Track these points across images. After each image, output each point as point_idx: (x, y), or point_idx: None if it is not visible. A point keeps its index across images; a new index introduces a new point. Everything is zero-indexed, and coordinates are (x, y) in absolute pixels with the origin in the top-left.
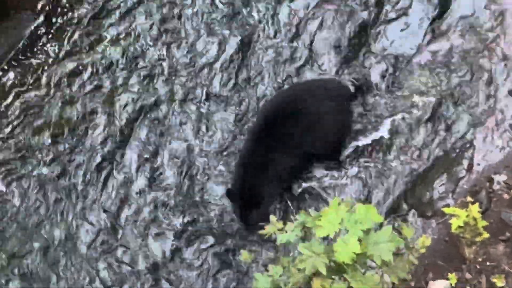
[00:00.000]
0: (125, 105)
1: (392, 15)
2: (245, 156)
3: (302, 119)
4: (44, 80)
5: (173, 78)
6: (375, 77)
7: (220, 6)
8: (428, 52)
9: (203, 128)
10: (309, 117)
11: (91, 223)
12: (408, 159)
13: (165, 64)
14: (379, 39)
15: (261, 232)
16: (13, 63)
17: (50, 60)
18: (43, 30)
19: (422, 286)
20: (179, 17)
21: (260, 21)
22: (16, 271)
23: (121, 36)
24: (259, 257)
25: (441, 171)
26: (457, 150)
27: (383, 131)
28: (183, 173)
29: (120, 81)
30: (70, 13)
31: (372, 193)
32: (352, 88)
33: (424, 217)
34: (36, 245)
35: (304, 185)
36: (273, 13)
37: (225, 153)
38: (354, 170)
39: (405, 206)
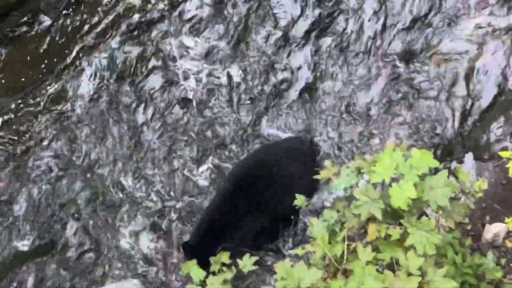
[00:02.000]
0: None
1: None
2: (209, 213)
3: (272, 182)
4: None
5: None
6: None
7: None
8: None
9: None
10: (278, 180)
11: None
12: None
13: None
14: None
15: (317, 176)
16: None
17: None
18: None
19: (479, 230)
20: None
21: None
22: None
23: None
24: None
25: (498, 114)
26: None
27: None
28: None
29: None
30: None
31: (428, 137)
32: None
33: (480, 160)
34: None
35: None
36: None
37: None
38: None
39: (461, 150)
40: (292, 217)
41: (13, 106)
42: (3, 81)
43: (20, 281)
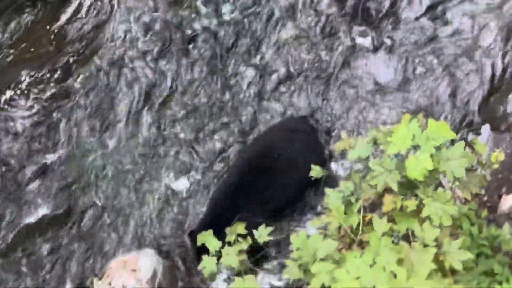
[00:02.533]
0: None
1: None
2: (223, 190)
3: (280, 160)
4: None
5: None
6: None
7: None
8: None
9: None
10: (286, 158)
11: None
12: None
13: None
14: None
15: (332, 148)
16: None
17: None
18: None
19: (495, 201)
20: None
21: None
22: None
23: None
24: None
25: None
26: None
27: None
28: None
29: None
30: None
31: (444, 108)
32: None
33: (497, 131)
34: None
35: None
36: None
37: None
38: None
39: (478, 120)
40: (305, 189)
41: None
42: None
43: (34, 251)
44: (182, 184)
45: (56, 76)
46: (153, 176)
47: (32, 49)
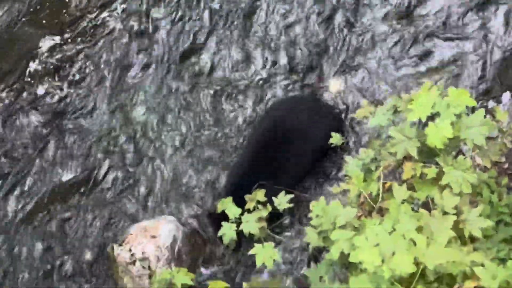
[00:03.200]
0: None
1: None
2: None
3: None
4: None
5: None
6: None
7: None
8: None
9: None
10: (300, 131)
11: None
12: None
13: None
14: None
15: (353, 115)
16: None
17: None
18: None
19: None
20: None
21: None
22: None
23: None
24: None
25: None
26: None
27: None
28: None
29: None
30: None
31: (465, 75)
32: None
33: None
34: None
35: None
36: None
37: None
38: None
39: (498, 88)
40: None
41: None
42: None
43: (55, 217)
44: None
45: (77, 41)
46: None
47: (52, 16)
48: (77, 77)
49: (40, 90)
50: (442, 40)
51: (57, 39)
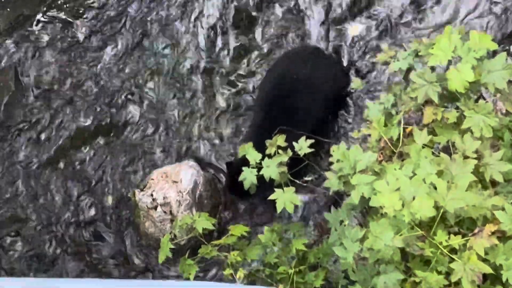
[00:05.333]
0: None
1: None
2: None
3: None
4: None
5: None
6: None
7: None
8: None
9: None
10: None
11: None
12: None
13: None
14: None
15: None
16: None
17: None
18: None
19: None
20: None
21: None
22: None
23: None
24: None
25: None
26: None
27: None
28: None
29: None
30: None
31: (486, 19)
32: None
33: None
34: None
35: None
36: None
37: None
38: None
39: None
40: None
41: None
42: None
43: (77, 162)
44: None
45: None
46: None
47: None
48: (97, 21)
49: (59, 32)
50: None
51: None
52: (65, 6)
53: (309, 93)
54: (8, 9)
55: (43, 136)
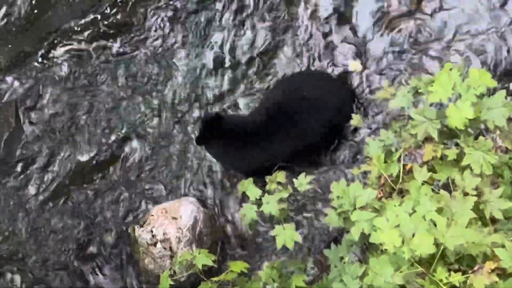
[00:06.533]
0: None
1: None
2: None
3: (308, 105)
4: None
5: None
6: None
7: None
8: None
9: None
10: (313, 103)
11: None
12: None
13: None
14: None
15: (374, 96)
16: None
17: None
18: None
19: None
20: None
21: None
22: None
23: None
24: None
25: None
26: None
27: None
28: None
29: None
30: None
31: (486, 57)
32: None
33: None
34: None
35: None
36: None
37: None
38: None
39: None
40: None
41: None
42: None
43: (77, 198)
44: None
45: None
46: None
47: None
48: (97, 58)
49: (60, 69)
50: (464, 23)
51: (79, 19)
52: (65, 44)
53: (315, 113)
54: (10, 46)
55: (42, 173)
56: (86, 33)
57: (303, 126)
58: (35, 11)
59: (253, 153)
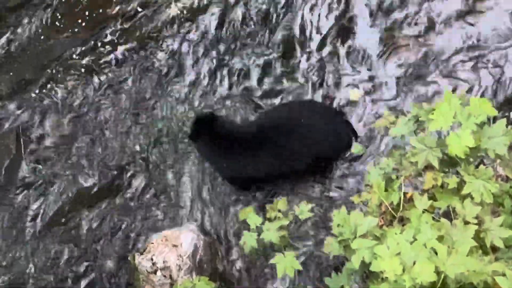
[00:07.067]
0: None
1: None
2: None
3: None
4: None
5: None
6: None
7: None
8: None
9: None
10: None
11: None
12: None
13: None
14: None
15: (374, 125)
16: None
17: None
18: None
19: None
20: None
21: None
22: None
23: None
24: None
25: None
26: None
27: None
28: None
29: None
30: None
31: (487, 86)
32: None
33: None
34: None
35: None
36: None
37: None
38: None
39: None
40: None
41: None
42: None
43: (78, 224)
44: None
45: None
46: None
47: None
48: (99, 85)
49: (62, 96)
50: (465, 51)
51: (80, 47)
52: (66, 72)
53: (303, 142)
54: (11, 73)
55: (42, 199)
56: (87, 61)
57: (288, 150)
58: (37, 38)
59: (237, 160)
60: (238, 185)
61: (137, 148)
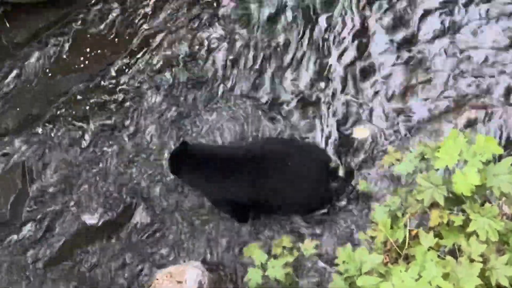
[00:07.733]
0: None
1: None
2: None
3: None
4: None
5: None
6: None
7: None
8: None
9: None
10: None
11: None
12: None
13: None
14: None
15: (379, 163)
16: None
17: None
18: None
19: None
20: None
21: None
22: None
23: None
24: None
25: None
26: None
27: None
28: None
29: None
30: None
31: (492, 124)
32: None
33: None
34: None
35: None
36: None
37: None
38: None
39: None
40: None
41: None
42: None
43: (81, 261)
44: None
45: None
46: None
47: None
48: (104, 122)
49: (67, 132)
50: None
51: (87, 84)
52: (73, 108)
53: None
54: (18, 108)
55: (47, 235)
56: (93, 97)
57: (263, 183)
58: (45, 74)
59: (218, 181)
60: (232, 215)
61: (142, 184)
